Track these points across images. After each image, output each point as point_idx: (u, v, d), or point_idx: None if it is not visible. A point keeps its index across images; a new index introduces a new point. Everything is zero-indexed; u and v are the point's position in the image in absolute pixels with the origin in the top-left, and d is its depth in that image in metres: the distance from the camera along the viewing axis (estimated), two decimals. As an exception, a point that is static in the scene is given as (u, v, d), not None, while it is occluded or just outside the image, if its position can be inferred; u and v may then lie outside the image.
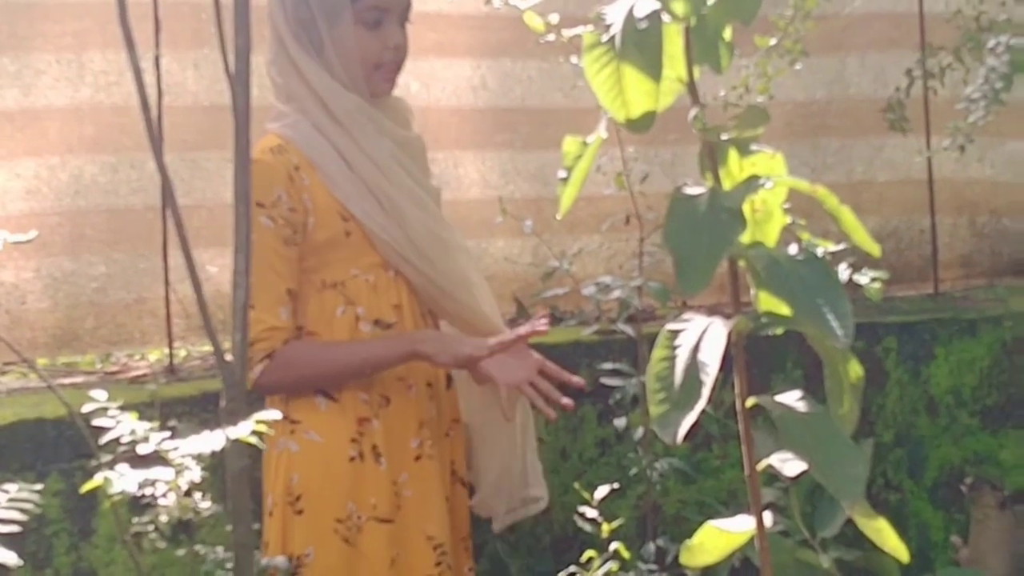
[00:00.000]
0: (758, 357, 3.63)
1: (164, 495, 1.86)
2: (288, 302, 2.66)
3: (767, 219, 1.88)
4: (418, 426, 2.76)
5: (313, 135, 2.69)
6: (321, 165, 2.68)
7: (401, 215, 2.71)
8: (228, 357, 1.65)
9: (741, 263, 1.85)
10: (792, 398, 1.87)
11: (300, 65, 2.70)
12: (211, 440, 1.64)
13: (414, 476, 2.74)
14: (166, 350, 3.49)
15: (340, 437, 2.69)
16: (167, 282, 3.43)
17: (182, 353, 3.59)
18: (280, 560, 2.47)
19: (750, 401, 1.88)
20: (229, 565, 2.52)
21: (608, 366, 3.35)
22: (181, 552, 2.60)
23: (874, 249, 1.89)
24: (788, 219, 1.92)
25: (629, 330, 3.30)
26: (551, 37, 3.03)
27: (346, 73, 2.69)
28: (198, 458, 1.79)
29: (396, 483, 2.72)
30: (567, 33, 2.95)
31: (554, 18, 3.01)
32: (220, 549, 2.40)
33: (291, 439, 2.69)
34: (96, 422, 1.94)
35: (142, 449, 1.79)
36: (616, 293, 3.10)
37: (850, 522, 1.99)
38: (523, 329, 2.75)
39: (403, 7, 2.74)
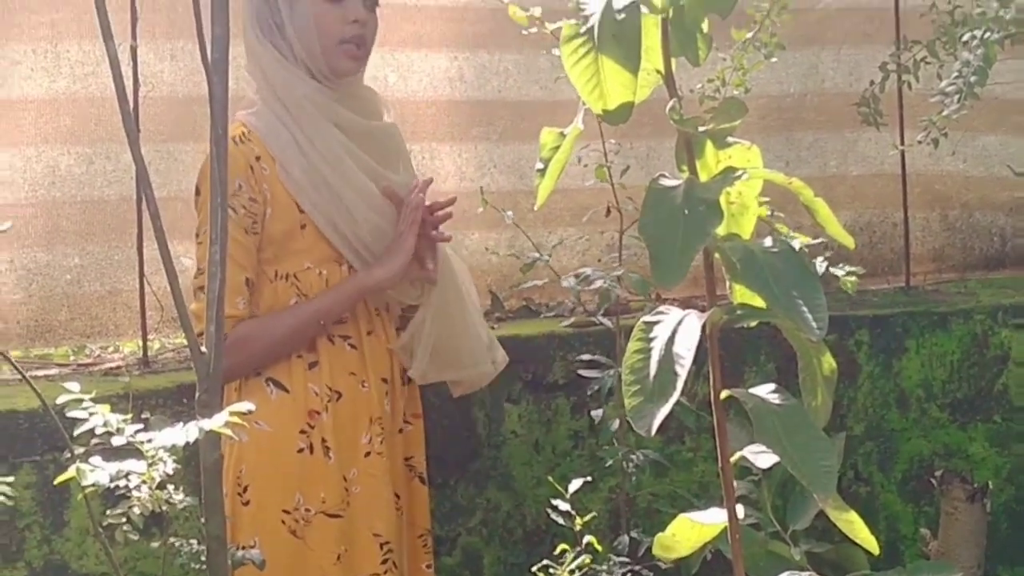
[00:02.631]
0: (731, 350, 3.64)
1: (137, 487, 1.86)
2: (246, 292, 2.66)
3: (743, 211, 1.89)
4: (369, 422, 2.75)
5: (274, 124, 2.69)
6: (278, 155, 2.68)
7: (348, 210, 2.71)
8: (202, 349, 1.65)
9: (717, 255, 1.86)
10: (765, 391, 1.88)
11: (257, 50, 2.70)
12: (184, 432, 1.63)
13: (363, 472, 2.73)
14: (140, 342, 3.48)
15: (289, 428, 2.69)
16: (142, 274, 3.41)
17: (156, 345, 3.58)
18: (255, 553, 2.46)
19: (724, 393, 1.89)
20: (204, 558, 2.52)
21: (585, 357, 3.35)
22: (155, 545, 2.59)
23: (848, 242, 1.90)
24: (764, 212, 1.93)
25: (607, 322, 3.31)
26: (533, 29, 3.03)
27: (306, 52, 2.68)
28: (171, 450, 1.79)
29: (346, 479, 2.72)
30: (550, 26, 2.95)
31: (537, 11, 3.01)
32: (194, 542, 2.39)
33: (240, 428, 2.68)
34: (69, 414, 1.93)
35: (115, 441, 1.78)
36: (597, 284, 3.10)
37: (821, 515, 2.01)
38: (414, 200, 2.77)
39: None
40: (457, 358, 2.90)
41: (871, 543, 1.88)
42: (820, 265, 3.00)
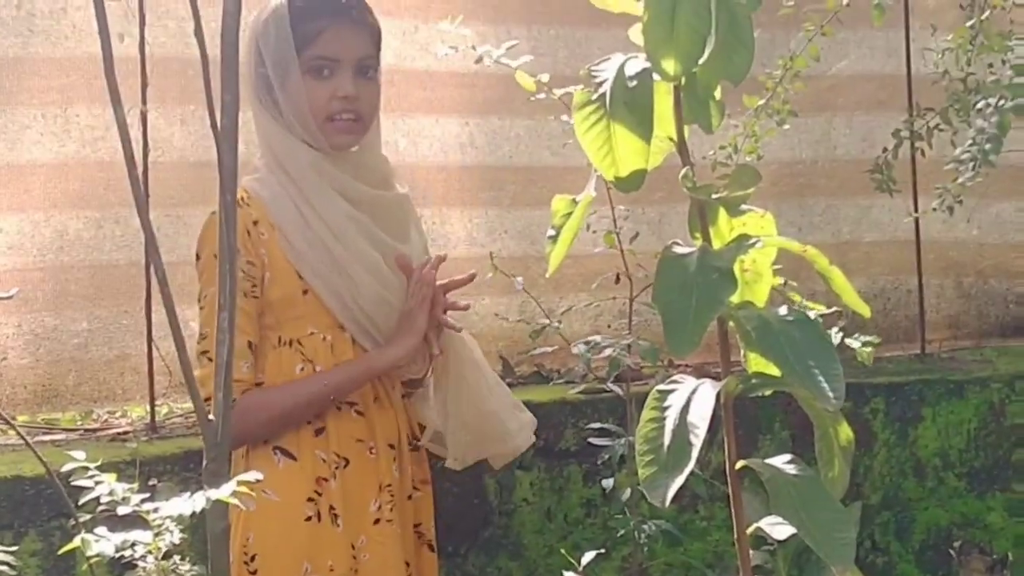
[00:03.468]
0: (746, 418, 3.61)
1: (143, 558, 1.83)
2: (249, 355, 2.64)
3: (757, 279, 1.87)
4: (378, 489, 2.73)
5: (277, 191, 2.68)
6: (278, 222, 2.67)
7: (351, 278, 2.69)
8: (210, 416, 1.63)
9: (731, 323, 1.83)
10: (781, 461, 1.85)
11: (260, 120, 2.71)
12: (192, 502, 1.60)
13: (372, 540, 2.70)
14: (148, 407, 3.46)
15: (297, 496, 2.66)
16: (150, 339, 3.40)
17: (164, 410, 3.56)
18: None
19: (739, 463, 1.86)
20: (209, 627, 2.48)
21: (596, 426, 3.33)
22: (160, 613, 2.56)
23: (864, 310, 1.88)
24: (778, 280, 1.91)
25: (618, 389, 3.28)
26: (541, 95, 3.02)
27: (302, 127, 2.69)
28: (178, 520, 1.76)
29: (354, 546, 2.69)
30: (558, 92, 2.94)
31: (544, 77, 3.01)
32: (200, 611, 2.36)
33: (248, 498, 2.65)
34: (75, 482, 1.91)
35: (121, 510, 1.76)
36: (607, 351, 3.08)
37: (838, 586, 1.97)
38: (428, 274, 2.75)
39: (356, 56, 2.71)
40: (491, 433, 2.90)
41: (890, 617, 1.85)
42: (835, 335, 2.97)
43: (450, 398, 2.82)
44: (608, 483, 3.26)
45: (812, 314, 1.80)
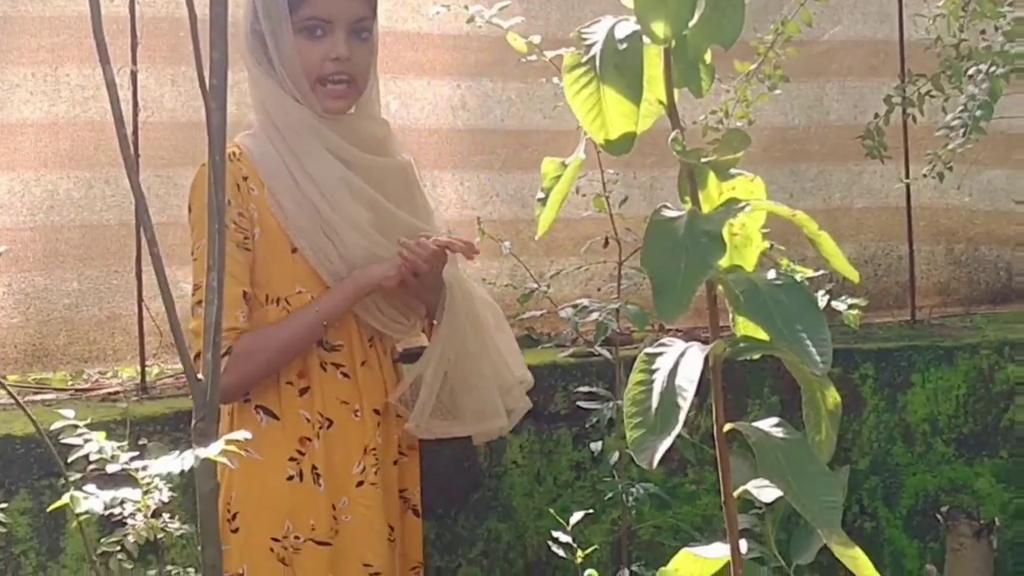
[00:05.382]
0: (735, 382, 3.62)
1: (132, 515, 1.84)
2: (244, 305, 2.65)
3: (746, 243, 1.87)
4: (362, 451, 2.73)
5: (267, 148, 2.68)
6: (267, 180, 2.67)
7: (339, 239, 2.68)
8: (199, 376, 1.63)
9: (719, 287, 1.84)
10: (769, 424, 1.85)
11: (256, 78, 2.70)
12: (180, 460, 1.61)
13: (355, 501, 2.71)
14: (138, 367, 3.46)
15: (279, 455, 2.67)
16: (140, 299, 3.40)
17: (155, 371, 3.56)
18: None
19: (727, 426, 1.86)
20: (199, 586, 2.50)
21: (584, 389, 3.33)
22: (151, 573, 2.57)
23: (853, 275, 1.88)
24: (767, 244, 1.91)
25: (606, 353, 3.29)
26: (533, 57, 3.02)
27: (295, 87, 2.68)
28: (167, 478, 1.77)
29: (336, 507, 2.70)
30: (549, 54, 2.94)
31: (536, 39, 3.00)
32: (191, 570, 2.37)
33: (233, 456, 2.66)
34: (64, 440, 1.91)
35: (110, 468, 1.76)
36: (594, 315, 3.08)
37: (824, 549, 1.98)
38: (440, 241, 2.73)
39: (350, 18, 2.69)
40: (469, 410, 2.86)
41: (875, 580, 1.86)
42: (822, 298, 2.98)
43: (433, 362, 2.79)
44: (596, 446, 3.27)
45: (800, 278, 1.80)
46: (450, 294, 2.80)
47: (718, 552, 1.95)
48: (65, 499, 1.76)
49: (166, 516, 1.95)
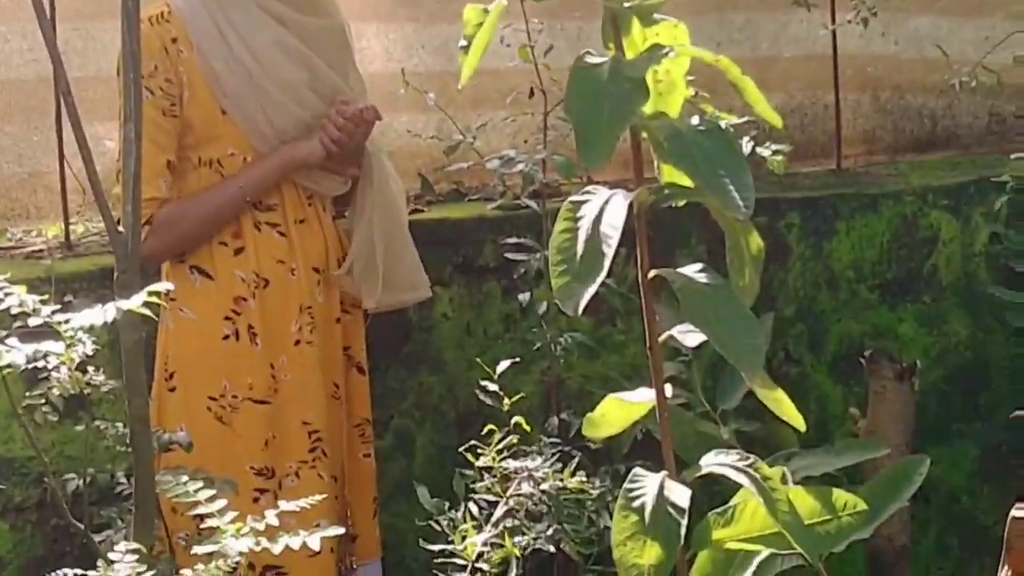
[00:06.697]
0: (661, 233, 3.63)
1: (56, 369, 1.83)
2: (167, 174, 2.63)
3: (670, 90, 1.87)
4: (299, 311, 2.73)
5: (198, 9, 2.62)
6: (197, 41, 2.62)
7: (269, 102, 2.65)
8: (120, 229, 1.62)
9: (644, 136, 1.84)
10: (693, 270, 1.87)
11: None
12: (102, 312, 1.60)
13: (293, 360, 2.72)
14: (62, 225, 3.42)
15: (214, 315, 2.67)
16: (61, 156, 3.34)
17: (80, 229, 3.52)
18: (181, 436, 2.45)
19: (652, 273, 1.88)
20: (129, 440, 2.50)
21: (512, 241, 3.34)
22: (80, 428, 2.57)
23: (776, 120, 1.89)
24: (691, 91, 1.91)
25: (533, 204, 3.29)
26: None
27: None
28: (91, 332, 1.76)
29: (274, 366, 2.70)
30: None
31: None
32: (120, 425, 2.37)
33: (167, 315, 2.66)
34: (-15, 295, 1.89)
35: (32, 322, 1.75)
36: (520, 166, 3.07)
37: (751, 395, 2.01)
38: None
39: None
40: (404, 280, 2.91)
41: (798, 420, 1.89)
42: (746, 145, 2.99)
43: (377, 236, 2.80)
44: (525, 297, 3.28)
45: (724, 124, 1.80)
46: (375, 161, 2.79)
47: (644, 397, 1.98)
48: (-12, 353, 1.74)
49: (91, 369, 1.94)
